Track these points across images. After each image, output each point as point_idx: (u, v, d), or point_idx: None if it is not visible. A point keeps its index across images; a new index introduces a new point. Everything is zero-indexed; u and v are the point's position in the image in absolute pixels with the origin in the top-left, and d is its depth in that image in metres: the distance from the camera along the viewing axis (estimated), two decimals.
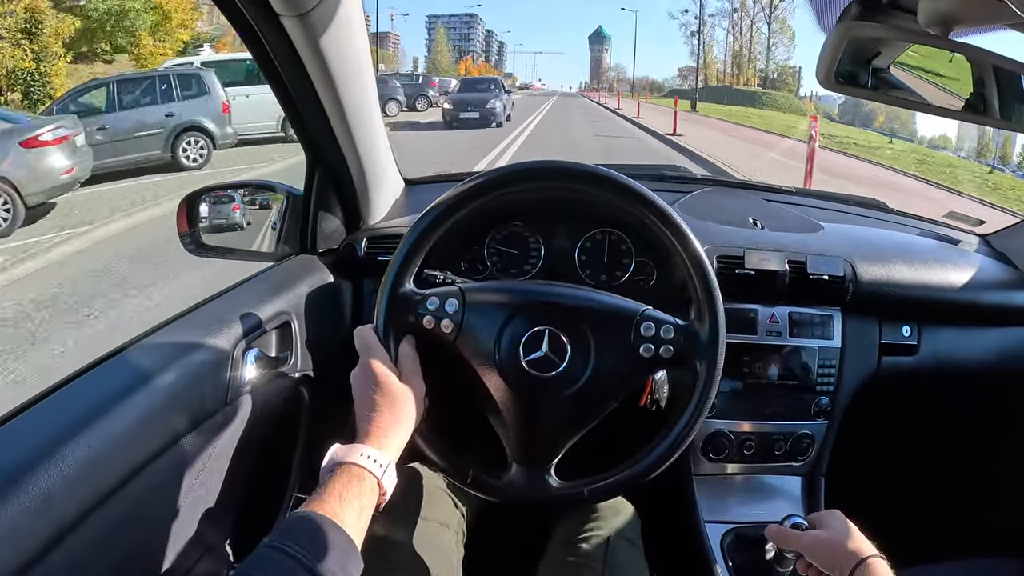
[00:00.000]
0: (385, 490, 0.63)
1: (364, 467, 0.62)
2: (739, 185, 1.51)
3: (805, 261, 1.05)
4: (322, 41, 0.80)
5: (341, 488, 0.60)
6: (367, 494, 0.61)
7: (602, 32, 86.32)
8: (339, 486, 0.60)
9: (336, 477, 0.61)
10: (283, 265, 1.05)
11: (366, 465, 0.62)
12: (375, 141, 1.04)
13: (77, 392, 0.69)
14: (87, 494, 0.60)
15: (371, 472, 0.62)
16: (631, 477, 0.77)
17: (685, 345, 0.77)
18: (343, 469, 0.62)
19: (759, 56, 38.61)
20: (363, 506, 0.60)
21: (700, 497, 1.07)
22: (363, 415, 0.68)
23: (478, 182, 0.76)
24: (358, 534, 0.59)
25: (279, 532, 0.55)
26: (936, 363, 1.14)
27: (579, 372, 0.76)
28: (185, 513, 0.75)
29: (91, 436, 0.61)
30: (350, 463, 0.62)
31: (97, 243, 5.42)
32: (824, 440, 1.09)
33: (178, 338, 0.79)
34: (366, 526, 0.61)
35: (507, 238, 1.07)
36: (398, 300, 0.76)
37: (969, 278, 1.14)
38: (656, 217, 0.77)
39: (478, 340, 0.76)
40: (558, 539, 0.92)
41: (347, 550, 0.56)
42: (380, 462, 0.63)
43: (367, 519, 0.61)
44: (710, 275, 0.77)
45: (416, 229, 0.76)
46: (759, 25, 39.00)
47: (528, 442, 0.77)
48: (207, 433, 0.77)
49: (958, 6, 0.60)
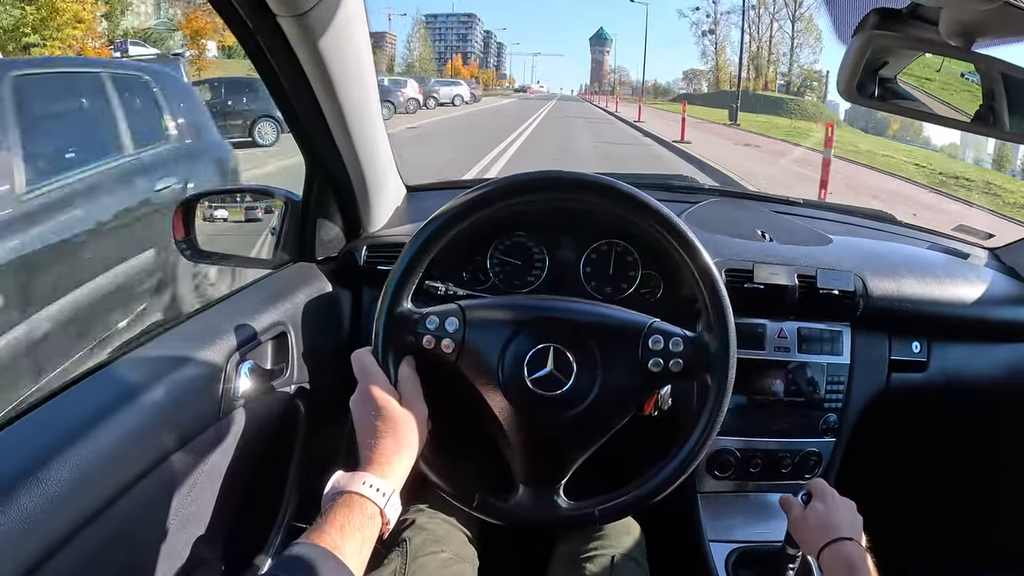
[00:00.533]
0: (388, 520, 0.61)
1: (367, 496, 0.60)
2: (747, 196, 1.49)
3: (815, 275, 1.03)
4: (321, 42, 0.77)
5: (343, 519, 0.58)
6: (369, 525, 0.59)
7: (603, 33, 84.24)
8: (340, 516, 0.58)
9: (337, 507, 0.59)
10: (280, 273, 1.02)
11: (368, 494, 0.60)
12: (376, 146, 1.01)
13: (63, 407, 0.66)
14: (72, 515, 0.58)
15: (374, 501, 0.60)
16: (642, 496, 0.75)
17: (695, 358, 0.74)
18: (345, 498, 0.59)
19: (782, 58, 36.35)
20: (365, 537, 0.58)
21: (705, 515, 1.05)
22: (364, 442, 0.66)
23: (478, 194, 0.73)
24: (359, 567, 0.57)
25: (278, 565, 0.54)
26: (946, 379, 1.12)
27: (586, 390, 0.74)
28: (176, 532, 0.72)
29: (77, 454, 0.59)
30: (352, 492, 0.60)
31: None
32: (831, 458, 1.07)
33: (169, 350, 0.76)
34: (367, 557, 0.59)
35: (510, 248, 1.04)
36: (396, 320, 0.73)
37: (979, 293, 1.12)
38: (665, 229, 0.74)
39: (480, 359, 0.74)
40: (562, 558, 0.90)
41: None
42: (383, 491, 0.61)
43: (368, 550, 0.59)
44: (720, 288, 0.74)
45: (413, 245, 0.73)
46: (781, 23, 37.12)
47: (535, 463, 0.75)
48: (199, 449, 0.74)
49: (982, 16, 0.58)
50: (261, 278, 1.00)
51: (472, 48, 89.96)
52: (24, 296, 2.04)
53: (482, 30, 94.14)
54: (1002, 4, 0.51)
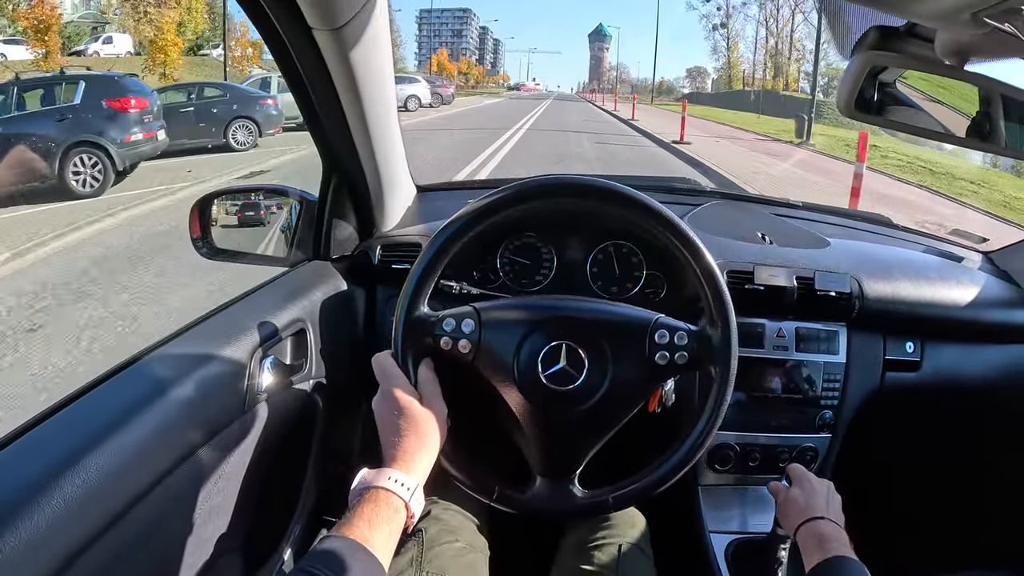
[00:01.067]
0: (413, 513, 0.65)
1: (392, 491, 0.63)
2: (747, 199, 1.52)
3: (813, 277, 1.06)
4: (352, 54, 0.81)
5: (370, 512, 0.61)
6: (395, 518, 0.62)
7: (603, 30, 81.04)
8: (368, 510, 0.61)
9: (365, 501, 0.62)
10: (297, 271, 1.05)
11: (394, 489, 0.63)
12: (392, 148, 1.05)
13: (96, 401, 0.69)
14: (111, 503, 0.61)
15: (399, 496, 0.63)
16: (654, 482, 0.78)
17: (699, 350, 0.78)
18: (372, 493, 0.63)
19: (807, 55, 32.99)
20: (392, 530, 0.62)
21: (706, 508, 1.09)
22: (388, 440, 0.69)
23: (489, 202, 0.77)
24: (386, 558, 0.60)
25: (310, 556, 0.57)
26: (939, 379, 1.16)
27: (597, 384, 0.77)
28: (202, 524, 0.75)
29: (113, 445, 0.62)
30: (379, 487, 0.63)
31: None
32: (827, 453, 1.11)
33: (195, 347, 0.79)
34: (394, 549, 0.62)
35: (520, 249, 1.08)
36: (414, 324, 0.76)
37: (973, 296, 1.15)
38: (669, 231, 0.78)
39: (497, 358, 0.77)
40: (569, 547, 0.94)
41: (376, 574, 0.58)
42: (408, 485, 0.64)
43: (395, 542, 0.62)
44: (722, 285, 0.78)
45: (428, 251, 0.76)
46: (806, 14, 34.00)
47: (551, 455, 0.78)
48: (224, 443, 0.77)
49: (975, 38, 0.61)
50: (279, 276, 1.03)
51: (467, 44, 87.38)
52: None
53: (478, 26, 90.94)
54: (992, 29, 0.55)
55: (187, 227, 1.07)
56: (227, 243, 1.13)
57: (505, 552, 0.96)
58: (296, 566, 0.56)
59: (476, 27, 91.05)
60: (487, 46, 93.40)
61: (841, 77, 0.71)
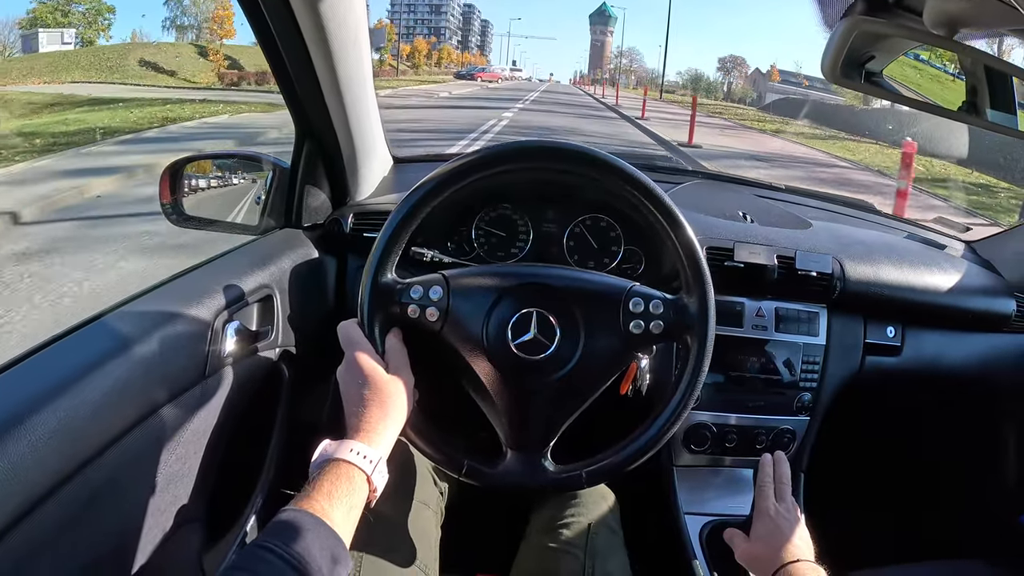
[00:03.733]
0: (375, 487, 0.62)
1: (354, 464, 0.61)
2: (729, 179, 1.51)
3: (794, 257, 1.05)
4: (324, 11, 0.78)
5: (330, 486, 0.59)
6: (356, 492, 0.60)
7: (606, 10, 67.16)
8: (328, 483, 0.59)
9: (326, 474, 0.60)
10: (267, 238, 1.02)
11: (356, 462, 0.61)
12: (367, 115, 1.02)
13: (51, 358, 0.66)
14: (59, 464, 0.58)
15: (361, 469, 0.61)
16: (627, 457, 0.76)
17: (675, 319, 0.76)
18: (333, 466, 0.60)
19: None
20: (352, 504, 0.59)
21: (680, 488, 1.07)
22: (351, 411, 0.66)
23: (459, 164, 0.74)
24: (347, 533, 0.58)
25: (267, 531, 0.54)
26: (919, 365, 1.15)
27: (569, 353, 0.75)
28: (161, 488, 0.73)
29: (64, 404, 0.59)
30: (340, 459, 0.61)
31: None
32: (805, 436, 1.10)
33: (157, 307, 0.76)
34: (355, 524, 0.60)
35: (495, 220, 1.05)
36: (380, 290, 0.74)
37: (954, 283, 1.15)
38: (649, 201, 0.76)
39: (465, 326, 0.75)
40: (539, 524, 0.92)
41: (336, 551, 0.55)
42: (371, 458, 0.62)
43: (356, 517, 0.60)
44: (700, 258, 0.76)
45: (396, 216, 0.74)
46: None
47: (522, 427, 0.76)
48: (185, 406, 0.75)
49: (965, 8, 0.60)
50: (248, 242, 1.00)
51: (446, 24, 77.96)
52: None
53: (461, 3, 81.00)
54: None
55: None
56: (199, 210, 1.10)
57: (470, 526, 0.94)
58: (252, 541, 0.54)
59: (459, 5, 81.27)
60: (472, 27, 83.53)
61: (827, 42, 0.70)
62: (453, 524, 0.94)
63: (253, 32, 0.85)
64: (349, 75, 0.91)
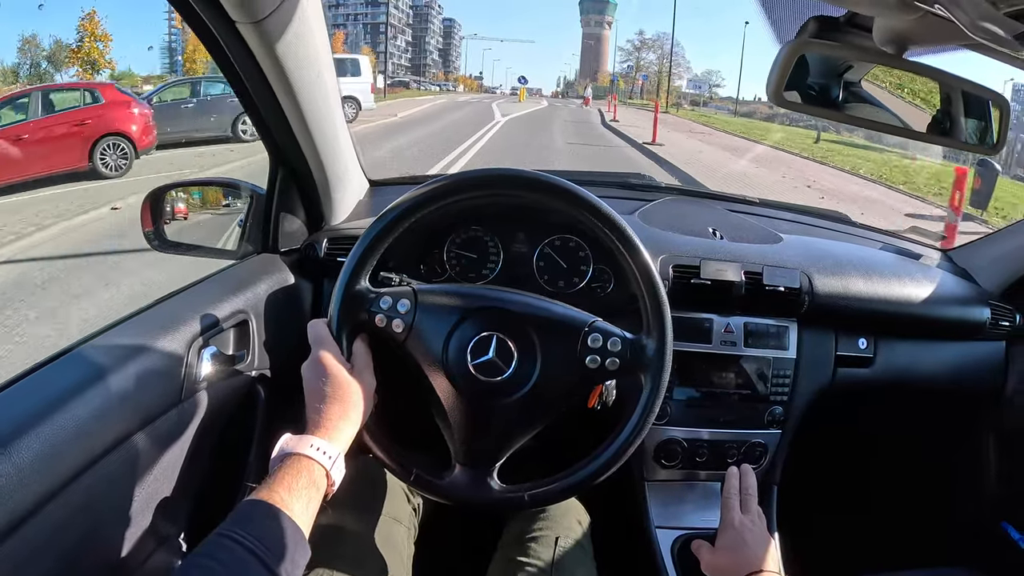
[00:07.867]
0: (333, 481, 0.65)
1: (313, 458, 0.63)
2: (704, 195, 1.52)
3: (762, 272, 1.06)
4: (278, 48, 0.80)
5: (291, 479, 0.61)
6: (315, 485, 0.63)
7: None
8: (288, 477, 0.61)
9: (286, 468, 0.62)
10: (243, 264, 1.05)
11: (315, 456, 0.64)
12: (337, 143, 1.04)
13: (30, 387, 0.69)
14: (41, 485, 0.61)
15: (320, 464, 0.64)
16: (572, 485, 0.79)
17: (631, 358, 0.78)
18: (293, 460, 0.63)
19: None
20: (311, 497, 0.62)
21: (652, 503, 1.08)
22: (313, 406, 0.69)
23: (430, 189, 0.77)
24: (306, 524, 0.60)
25: (230, 520, 0.57)
26: (891, 375, 1.16)
27: (525, 378, 0.77)
28: (139, 506, 0.75)
29: (45, 429, 0.62)
30: (299, 454, 0.63)
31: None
32: (777, 449, 1.11)
33: (133, 336, 0.79)
34: (314, 516, 0.62)
35: (466, 242, 1.08)
36: (352, 296, 0.77)
37: (928, 293, 1.15)
38: (606, 227, 0.78)
39: (427, 342, 0.77)
40: (509, 538, 0.94)
41: (296, 540, 0.58)
42: (329, 454, 0.65)
43: (315, 509, 0.63)
44: (658, 286, 0.78)
45: (372, 230, 0.77)
46: None
47: (472, 444, 0.79)
48: (161, 429, 0.77)
49: (911, 26, 0.61)
50: (225, 268, 1.03)
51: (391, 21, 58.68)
52: None
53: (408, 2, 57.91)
54: (925, 13, 0.55)
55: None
56: (181, 236, 1.13)
57: (442, 541, 0.96)
58: (215, 531, 0.56)
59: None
60: (431, 27, 60.36)
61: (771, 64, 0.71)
62: (427, 540, 0.96)
63: (219, 68, 0.88)
64: (316, 110, 0.94)
